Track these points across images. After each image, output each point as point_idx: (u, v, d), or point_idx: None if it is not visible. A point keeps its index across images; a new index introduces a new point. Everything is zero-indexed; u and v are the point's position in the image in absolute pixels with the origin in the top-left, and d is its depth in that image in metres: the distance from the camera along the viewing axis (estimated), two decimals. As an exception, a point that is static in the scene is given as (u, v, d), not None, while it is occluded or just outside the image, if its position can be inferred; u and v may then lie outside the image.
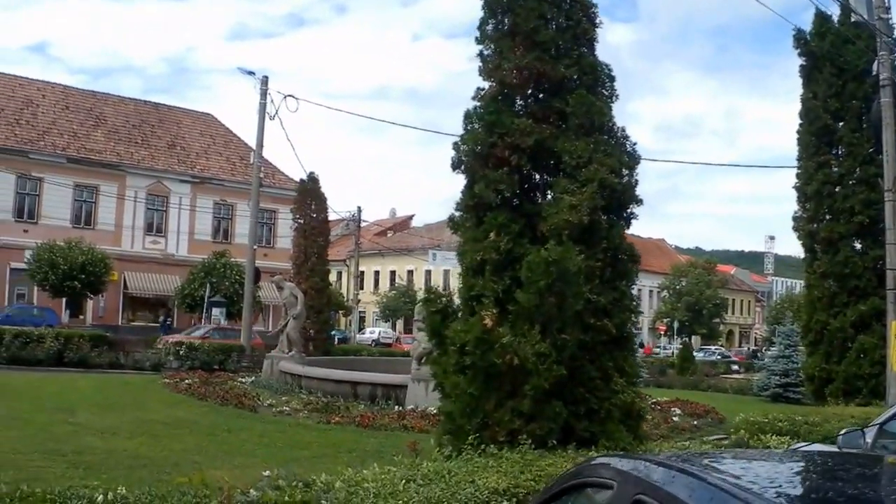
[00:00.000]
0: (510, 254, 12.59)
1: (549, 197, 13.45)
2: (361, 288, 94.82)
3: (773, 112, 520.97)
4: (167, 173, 71.60)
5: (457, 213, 13.89)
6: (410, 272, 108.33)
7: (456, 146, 13.64)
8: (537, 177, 14.07)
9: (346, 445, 20.74)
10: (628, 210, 13.84)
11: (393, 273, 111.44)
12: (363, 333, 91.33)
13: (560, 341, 11.61)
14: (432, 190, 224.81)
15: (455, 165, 13.63)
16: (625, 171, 13.57)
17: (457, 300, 13.68)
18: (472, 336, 11.33)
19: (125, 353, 43.21)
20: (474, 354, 11.28)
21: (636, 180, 13.87)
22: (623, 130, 13.97)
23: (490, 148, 13.11)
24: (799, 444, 13.15)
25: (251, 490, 8.08)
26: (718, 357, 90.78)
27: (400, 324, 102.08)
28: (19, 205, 65.55)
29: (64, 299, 60.53)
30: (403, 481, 8.95)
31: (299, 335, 35.42)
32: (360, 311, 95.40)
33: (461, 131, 13.80)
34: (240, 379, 34.85)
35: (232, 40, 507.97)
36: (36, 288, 61.07)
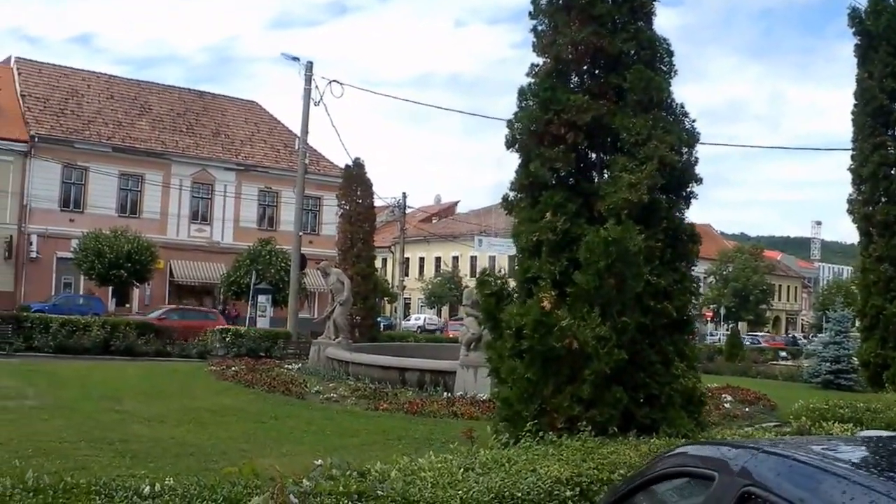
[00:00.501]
0: (567, 234, 12.14)
1: (606, 176, 12.97)
2: (406, 275, 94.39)
3: (819, 96, 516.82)
4: (212, 161, 71.62)
5: (511, 194, 13.45)
6: (456, 258, 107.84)
7: (510, 124, 13.23)
8: (593, 155, 13.60)
9: (395, 433, 20.39)
10: (688, 189, 13.33)
11: (438, 259, 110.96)
12: (408, 320, 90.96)
13: (620, 324, 11.16)
14: (477, 177, 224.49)
15: (509, 144, 13.21)
16: (684, 149, 13.07)
17: (511, 283, 13.24)
18: (530, 319, 10.89)
19: (172, 341, 43.08)
20: (532, 338, 10.85)
21: (696, 158, 13.35)
22: (682, 107, 13.46)
23: (545, 125, 12.65)
24: (867, 432, 12.62)
25: (304, 480, 7.69)
26: (756, 343, 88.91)
27: (445, 310, 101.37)
28: (65, 194, 65.66)
29: (110, 288, 60.58)
30: (461, 470, 8.57)
31: (346, 321, 35.02)
32: (405, 298, 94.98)
33: (514, 110, 13.38)
34: (286, 366, 34.54)
35: (275, 29, 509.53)
36: (82, 277, 61.16)
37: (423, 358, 31.71)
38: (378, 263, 55.36)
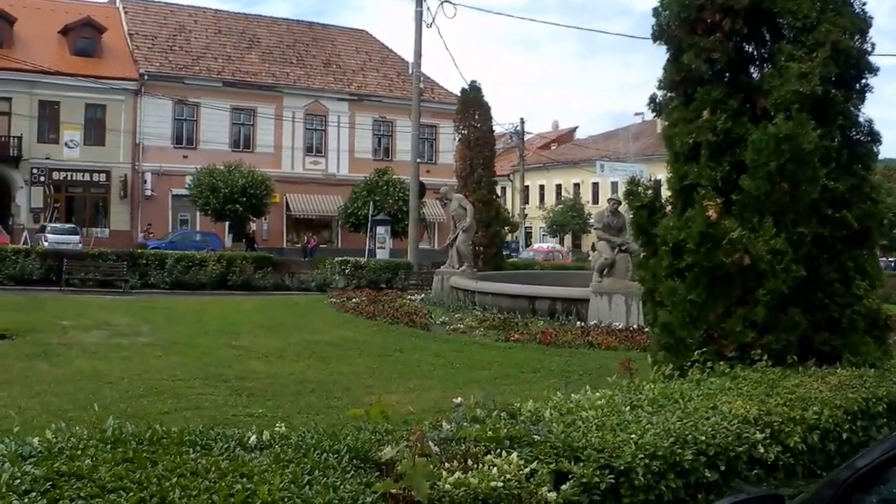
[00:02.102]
0: (728, 135, 10.37)
1: (768, 68, 11.09)
2: (526, 203, 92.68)
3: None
4: (324, 92, 70.55)
5: (659, 93, 11.70)
6: (577, 185, 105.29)
7: (656, 13, 11.51)
8: (750, 46, 11.66)
9: (528, 365, 19.26)
10: (863, 81, 11.38)
11: (558, 187, 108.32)
12: (530, 249, 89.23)
13: (796, 236, 9.68)
14: (593, 103, 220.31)
15: (656, 36, 11.49)
16: (856, 35, 11.10)
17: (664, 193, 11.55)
18: (693, 232, 9.39)
19: (290, 274, 42.27)
20: (697, 253, 9.35)
21: (872, 44, 11.37)
22: (851, -14, 11.50)
23: (698, 12, 10.86)
24: None
25: (443, 423, 6.15)
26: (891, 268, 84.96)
27: (568, 239, 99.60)
28: (177, 131, 65.56)
29: (226, 223, 60.33)
30: (628, 408, 7.23)
31: (469, 249, 33.54)
32: (526, 227, 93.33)
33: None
34: (409, 297, 33.72)
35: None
36: (198, 213, 61.11)
37: (550, 286, 30.34)
38: (497, 192, 53.64)
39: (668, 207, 11.12)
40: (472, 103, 48.03)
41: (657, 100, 11.62)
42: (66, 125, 60.96)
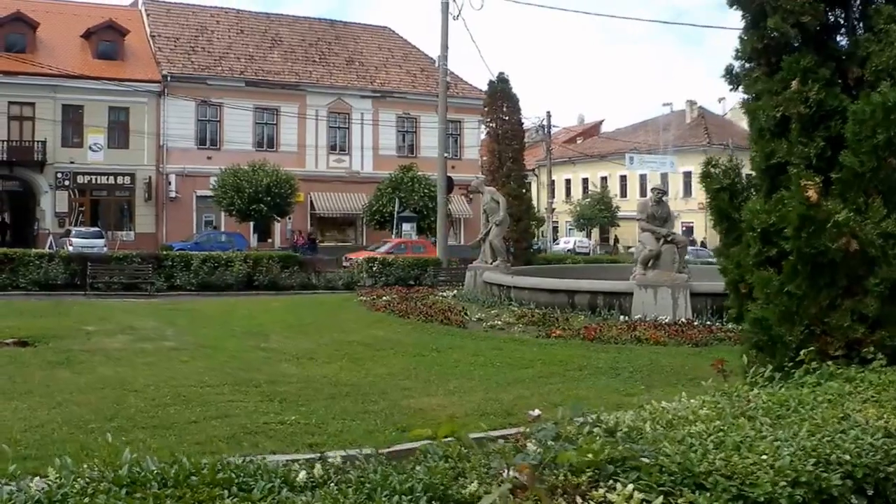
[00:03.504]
0: (821, 107, 9.29)
1: (860, 34, 10.06)
2: (552, 197, 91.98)
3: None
4: (347, 90, 69.77)
5: (735, 63, 10.59)
6: (604, 178, 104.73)
7: (732, -25, 10.41)
8: (835, 12, 10.60)
9: (573, 362, 18.40)
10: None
11: (585, 181, 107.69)
12: (557, 244, 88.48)
13: None
14: (619, 94, 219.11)
15: (732, 0, 10.39)
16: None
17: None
18: (793, 215, 8.29)
19: (317, 273, 41.65)
20: (797, 239, 8.26)
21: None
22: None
23: (783, -29, 9.78)
24: None
25: (528, 444, 5.13)
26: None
27: (595, 233, 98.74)
28: (201, 132, 64.98)
29: (251, 223, 59.79)
30: (741, 418, 6.03)
31: (503, 243, 32.58)
32: (552, 222, 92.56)
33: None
34: (440, 293, 32.78)
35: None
36: (223, 214, 60.58)
37: (587, 279, 29.25)
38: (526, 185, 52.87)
39: (752, 189, 10.16)
40: (500, 95, 47.41)
41: (733, 71, 10.57)
42: (89, 129, 60.56)
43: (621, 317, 24.27)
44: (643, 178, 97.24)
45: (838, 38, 10.45)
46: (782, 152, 9.40)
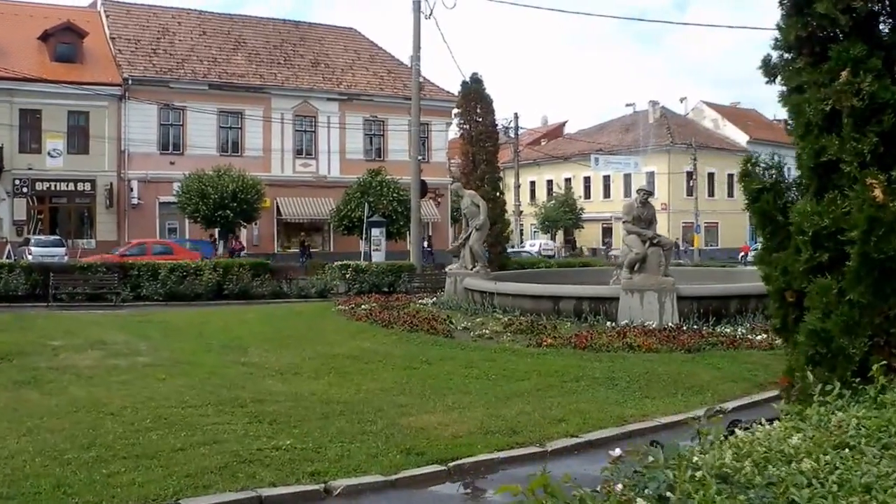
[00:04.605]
0: (873, 99, 8.33)
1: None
2: (519, 199, 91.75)
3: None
4: (313, 92, 68.83)
5: (774, 54, 9.62)
6: (568, 180, 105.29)
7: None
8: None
9: (569, 373, 17.74)
10: None
11: (550, 182, 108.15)
12: (523, 247, 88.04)
13: None
14: (581, 95, 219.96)
15: (773, -16, 9.44)
16: None
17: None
18: (863, 216, 7.45)
19: (288, 281, 40.67)
20: (865, 243, 7.43)
21: None
22: None
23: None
24: None
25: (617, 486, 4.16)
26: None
27: (560, 235, 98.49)
28: (163, 137, 63.81)
29: (216, 230, 58.45)
30: (846, 450, 5.19)
31: (483, 248, 31.72)
32: (518, 225, 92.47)
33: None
34: (420, 301, 31.99)
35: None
36: (187, 220, 59.63)
37: (570, 284, 28.90)
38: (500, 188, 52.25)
39: (793, 189, 9.25)
40: (473, 96, 46.80)
41: (770, 62, 9.59)
42: (48, 134, 59.28)
43: (608, 322, 23.79)
44: (607, 178, 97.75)
45: (881, 26, 9.51)
46: (833, 149, 8.46)
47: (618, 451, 5.81)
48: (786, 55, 9.49)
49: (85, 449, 11.23)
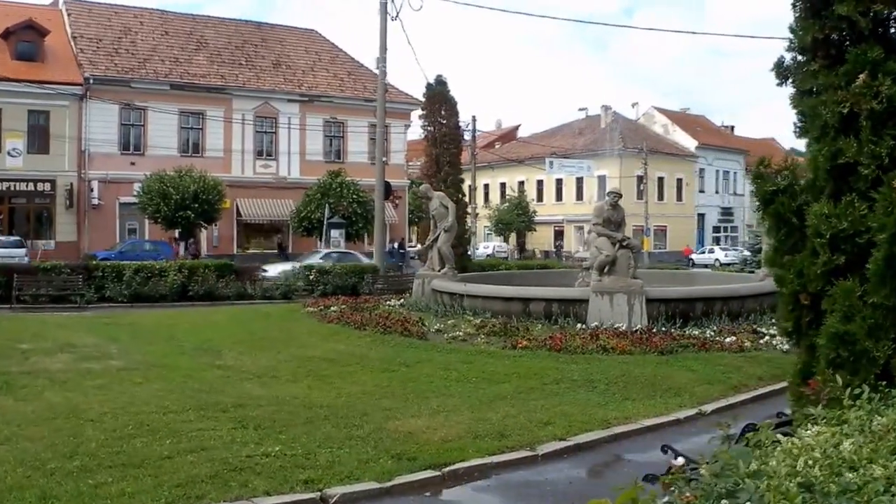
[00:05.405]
0: (891, 103, 8.36)
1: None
2: (474, 202, 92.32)
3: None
4: (274, 93, 68.78)
5: (787, 55, 9.61)
6: (521, 183, 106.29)
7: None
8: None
9: (548, 375, 17.80)
10: None
11: (503, 185, 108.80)
12: (477, 249, 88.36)
13: None
14: (534, 100, 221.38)
15: (787, -15, 9.44)
16: None
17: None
18: (891, 220, 7.49)
19: (252, 282, 40.56)
20: (894, 244, 7.42)
21: None
22: None
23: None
24: None
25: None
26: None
27: (513, 237, 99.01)
28: (124, 137, 63.43)
29: (177, 231, 58.20)
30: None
31: (451, 250, 31.69)
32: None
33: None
34: (387, 302, 31.98)
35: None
36: (147, 221, 59.31)
37: (539, 287, 29.18)
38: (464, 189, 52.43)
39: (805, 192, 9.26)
40: (438, 98, 47.05)
41: (784, 64, 9.59)
42: (7, 133, 58.61)
43: (578, 324, 23.86)
44: (559, 182, 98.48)
45: (892, 30, 9.55)
46: (851, 152, 8.48)
47: (680, 461, 5.81)
48: (799, 57, 9.49)
49: (68, 458, 11.00)
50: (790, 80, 9.53)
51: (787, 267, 8.84)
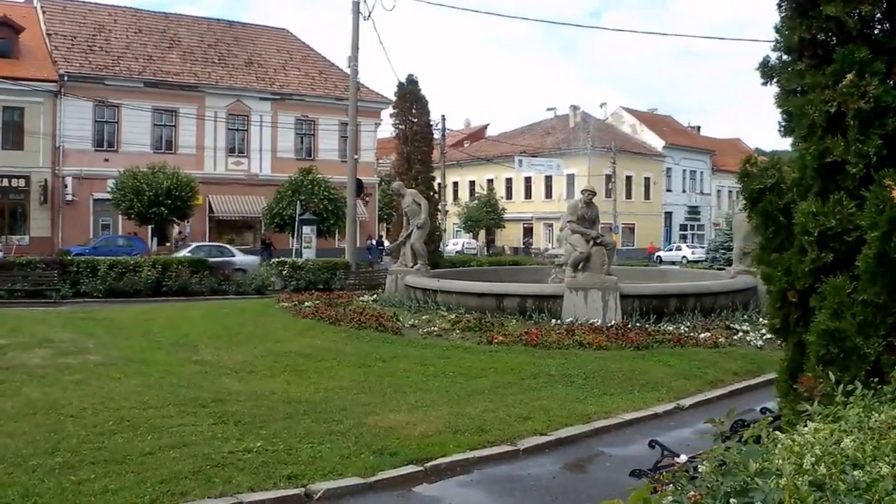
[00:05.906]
0: (878, 102, 8.51)
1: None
2: (443, 199, 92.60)
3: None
4: (246, 91, 68.74)
5: (773, 55, 9.74)
6: (490, 181, 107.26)
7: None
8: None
9: (525, 370, 17.89)
10: None
11: (472, 183, 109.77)
12: (446, 246, 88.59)
13: None
14: (503, 99, 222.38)
15: (776, -15, 9.57)
16: None
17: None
18: (885, 217, 7.63)
19: (226, 278, 40.84)
20: (887, 243, 7.59)
21: None
22: None
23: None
24: None
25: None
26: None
27: (482, 235, 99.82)
28: (98, 134, 63.12)
29: (150, 227, 57.98)
30: None
31: (424, 247, 31.79)
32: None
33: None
34: (360, 298, 32.07)
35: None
36: (121, 217, 59.00)
37: (513, 283, 29.17)
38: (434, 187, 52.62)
39: (795, 190, 9.38)
40: (409, 97, 47.38)
41: (769, 64, 9.71)
42: (-19, 129, 58.11)
43: (552, 320, 23.97)
44: (528, 180, 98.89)
45: (876, 30, 9.68)
46: (839, 150, 8.62)
47: (683, 458, 5.88)
48: (785, 57, 9.60)
49: (49, 454, 11.00)
50: (775, 80, 9.65)
51: (775, 265, 8.95)
